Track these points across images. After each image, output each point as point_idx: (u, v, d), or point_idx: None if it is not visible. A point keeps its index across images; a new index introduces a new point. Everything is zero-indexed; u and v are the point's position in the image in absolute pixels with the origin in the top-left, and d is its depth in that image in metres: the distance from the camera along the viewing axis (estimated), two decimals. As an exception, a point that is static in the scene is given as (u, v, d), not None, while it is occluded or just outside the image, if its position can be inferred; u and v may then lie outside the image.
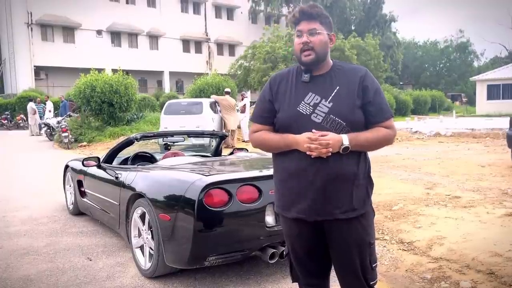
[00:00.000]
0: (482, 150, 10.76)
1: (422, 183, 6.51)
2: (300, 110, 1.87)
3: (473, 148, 11.29)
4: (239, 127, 13.95)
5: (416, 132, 15.44)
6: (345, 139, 1.79)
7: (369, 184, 1.98)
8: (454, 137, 14.24)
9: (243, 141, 13.68)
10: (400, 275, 3.39)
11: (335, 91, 1.88)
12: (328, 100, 1.86)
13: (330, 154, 1.78)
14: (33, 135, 18.82)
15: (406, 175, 7.28)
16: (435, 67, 52.59)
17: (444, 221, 4.49)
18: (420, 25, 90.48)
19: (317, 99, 1.88)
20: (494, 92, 29.49)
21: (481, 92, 30.32)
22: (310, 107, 1.87)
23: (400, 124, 18.82)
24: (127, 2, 34.26)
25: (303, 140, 1.81)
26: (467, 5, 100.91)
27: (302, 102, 1.88)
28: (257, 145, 2.02)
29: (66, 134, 13.57)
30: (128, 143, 4.43)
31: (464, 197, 5.45)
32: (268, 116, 1.98)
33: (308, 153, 1.79)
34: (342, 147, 1.79)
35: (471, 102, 38.04)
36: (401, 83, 45.50)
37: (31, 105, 19.41)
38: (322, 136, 1.78)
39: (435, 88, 41.25)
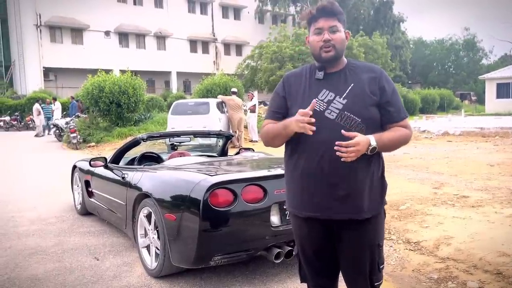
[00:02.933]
0: (491, 149, 10.66)
1: (429, 182, 6.47)
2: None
3: (482, 147, 11.19)
4: (245, 127, 13.95)
5: (424, 131, 15.33)
6: (372, 140, 1.78)
7: (383, 185, 1.96)
8: (463, 136, 14.12)
9: (250, 141, 13.68)
10: (406, 275, 3.37)
11: (350, 88, 1.87)
12: (343, 97, 1.86)
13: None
14: (37, 135, 18.99)
15: (413, 174, 7.23)
16: (443, 66, 52.20)
17: (451, 221, 4.46)
18: (426, 24, 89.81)
19: (331, 95, 1.87)
20: (503, 90, 29.20)
21: (490, 91, 30.04)
22: (324, 104, 1.86)
23: (408, 123, 18.72)
24: (134, 3, 34.47)
25: (295, 117, 1.80)
26: (475, 3, 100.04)
27: (316, 98, 1.87)
28: (264, 138, 2.02)
29: (74, 134, 13.68)
30: (135, 143, 4.46)
31: (472, 196, 5.41)
32: (280, 112, 1.98)
33: (342, 159, 1.76)
34: (370, 147, 1.78)
35: (481, 100, 37.70)
36: (409, 82, 45.25)
37: (36, 106, 19.61)
38: (351, 136, 1.75)
39: (443, 87, 40.94)
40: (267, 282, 3.25)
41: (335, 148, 1.75)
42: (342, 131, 1.77)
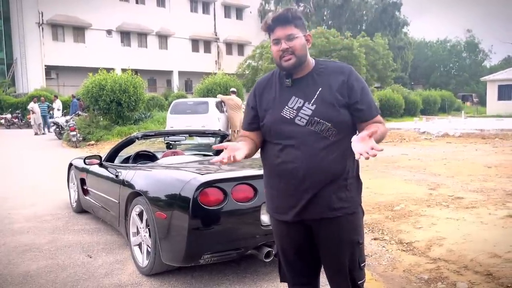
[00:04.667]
0: (490, 151, 10.65)
1: (426, 183, 6.47)
2: (284, 115, 1.88)
3: (481, 149, 11.17)
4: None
5: (424, 132, 15.32)
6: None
7: (358, 183, 1.97)
8: (462, 138, 14.10)
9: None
10: (397, 275, 3.38)
11: (318, 92, 1.87)
12: (311, 102, 1.86)
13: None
14: (37, 133, 19.04)
15: (410, 175, 7.23)
16: (445, 67, 52.14)
17: (445, 222, 4.46)
18: (429, 25, 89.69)
19: (300, 102, 1.87)
20: (505, 92, 29.15)
21: (492, 92, 29.99)
22: (294, 111, 1.87)
23: (408, 124, 18.72)
24: (136, 2, 34.52)
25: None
26: (478, 5, 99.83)
27: (286, 106, 1.89)
28: None
29: (74, 133, 13.71)
30: (129, 142, 4.47)
31: (467, 198, 5.41)
32: (253, 122, 1.99)
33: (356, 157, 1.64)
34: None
35: (483, 102, 37.62)
36: (412, 83, 45.21)
37: (30, 105, 19.66)
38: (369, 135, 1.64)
39: (445, 88, 40.89)
40: (258, 281, 3.26)
41: (371, 153, 1.59)
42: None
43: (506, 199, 5.28)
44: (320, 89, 1.88)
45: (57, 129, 16.53)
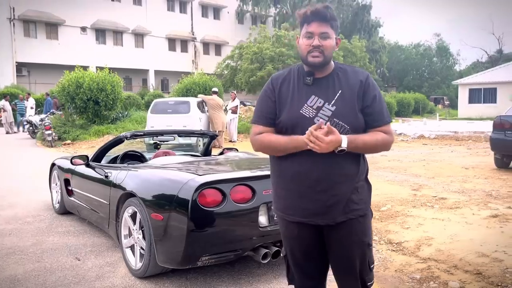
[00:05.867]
0: (465, 153, 10.96)
1: (408, 184, 6.60)
2: (303, 113, 1.86)
3: (456, 151, 11.49)
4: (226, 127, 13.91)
5: (400, 134, 15.64)
6: (344, 141, 1.75)
7: (368, 185, 1.99)
8: (437, 140, 14.47)
9: (230, 141, 13.65)
10: (389, 275, 3.42)
11: (338, 94, 1.87)
12: (331, 103, 1.86)
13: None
14: (8, 132, 18.45)
15: (392, 176, 7.36)
16: (418, 70, 53.33)
17: (431, 222, 4.56)
18: (401, 29, 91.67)
19: (320, 102, 1.87)
20: (475, 96, 30.08)
21: (463, 96, 30.89)
22: (314, 110, 1.86)
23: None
24: (112, 0, 33.89)
25: (306, 136, 1.75)
26: (449, 10, 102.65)
27: (305, 105, 1.87)
28: (261, 148, 1.94)
29: (49, 132, 13.32)
30: (118, 141, 4.38)
31: (450, 198, 5.55)
32: (271, 117, 1.93)
33: (309, 147, 1.74)
34: (338, 148, 1.75)
35: (453, 105, 38.71)
36: (385, 85, 46.06)
37: (1, 102, 19.06)
38: (329, 131, 1.71)
39: (418, 91, 41.88)
40: (253, 283, 3.24)
41: (305, 138, 1.72)
42: (323, 124, 1.74)
43: (487, 200, 5.44)
44: (341, 91, 1.88)
45: (31, 128, 16.05)
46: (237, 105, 13.95)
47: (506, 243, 3.85)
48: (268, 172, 3.21)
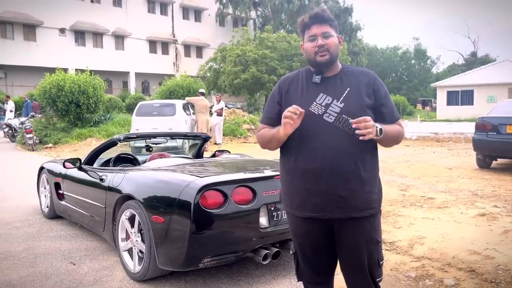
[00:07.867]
0: (446, 153, 11.21)
1: (396, 185, 6.71)
2: (312, 110, 1.91)
3: (438, 152, 11.74)
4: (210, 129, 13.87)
5: (383, 135, 15.84)
6: (378, 124, 1.84)
7: (379, 183, 2.04)
8: (419, 141, 14.77)
9: (215, 143, 13.62)
10: (385, 274, 3.47)
11: (346, 92, 1.94)
12: (340, 100, 1.92)
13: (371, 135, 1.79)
14: None
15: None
16: (396, 73, 54.29)
17: (422, 222, 4.66)
18: (380, 33, 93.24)
19: (328, 99, 1.93)
20: (453, 98, 30.78)
21: (441, 98, 31.56)
22: (322, 107, 1.91)
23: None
24: (91, 1, 33.41)
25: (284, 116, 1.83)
26: (425, 13, 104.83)
27: (314, 102, 1.93)
28: (260, 142, 2.07)
29: (30, 135, 13.05)
30: (111, 144, 4.34)
31: (437, 198, 5.67)
32: (275, 118, 2.01)
33: (361, 138, 1.79)
34: (378, 128, 1.81)
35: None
36: (365, 88, 46.64)
37: None
38: (363, 120, 1.78)
39: (398, 93, 42.59)
40: (253, 284, 3.25)
41: (354, 126, 1.78)
42: (350, 120, 1.82)
43: (473, 199, 5.59)
44: (349, 89, 1.95)
45: (10, 131, 15.69)
46: (222, 108, 13.94)
47: (496, 241, 3.97)
48: (268, 173, 3.28)
